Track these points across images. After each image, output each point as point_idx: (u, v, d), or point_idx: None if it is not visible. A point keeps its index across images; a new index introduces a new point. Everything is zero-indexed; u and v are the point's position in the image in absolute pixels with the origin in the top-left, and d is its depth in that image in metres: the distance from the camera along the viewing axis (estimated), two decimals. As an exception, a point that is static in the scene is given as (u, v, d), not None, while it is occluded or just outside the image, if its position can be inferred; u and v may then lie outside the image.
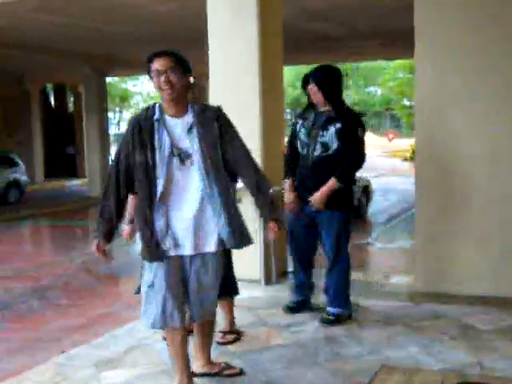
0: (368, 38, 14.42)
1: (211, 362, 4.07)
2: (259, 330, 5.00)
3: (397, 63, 38.00)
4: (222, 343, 4.65)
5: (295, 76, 49.39)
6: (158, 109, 3.60)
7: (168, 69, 3.50)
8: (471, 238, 5.73)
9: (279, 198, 5.86)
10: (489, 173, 5.67)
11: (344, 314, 5.12)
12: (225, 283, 4.15)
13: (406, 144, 32.56)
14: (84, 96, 20.77)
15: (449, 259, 5.80)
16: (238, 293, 4.81)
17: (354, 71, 47.19)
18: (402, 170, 21.36)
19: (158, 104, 3.64)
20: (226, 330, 4.77)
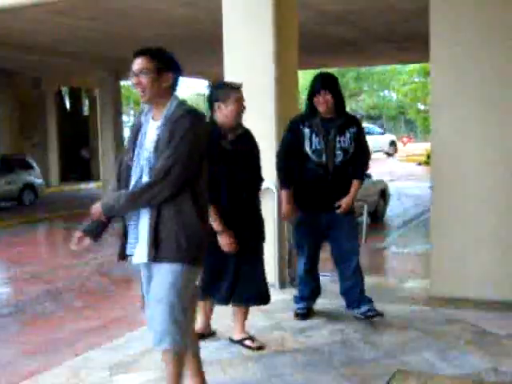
0: (383, 42, 14.39)
1: None
2: (274, 333, 4.99)
3: (411, 67, 37.85)
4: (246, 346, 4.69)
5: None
6: (147, 110, 3.46)
7: (140, 70, 3.29)
8: (487, 243, 5.68)
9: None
10: (505, 177, 5.62)
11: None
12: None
13: (421, 148, 32.42)
14: (99, 99, 20.88)
15: (465, 264, 5.75)
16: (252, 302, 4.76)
17: (369, 76, 47.15)
18: (417, 175, 21.27)
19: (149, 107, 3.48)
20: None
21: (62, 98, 26.86)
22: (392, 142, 37.09)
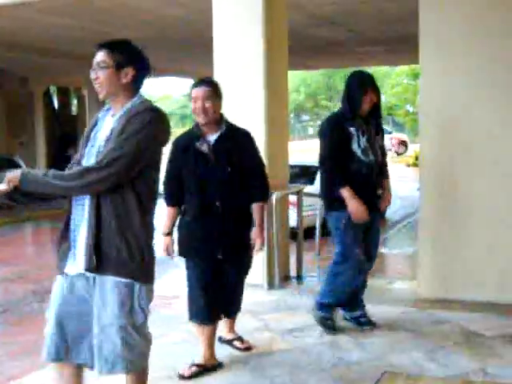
0: (372, 44, 14.42)
1: None
2: (262, 334, 4.99)
3: (400, 70, 37.97)
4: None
5: (300, 81, 49.48)
6: (107, 107, 3.15)
7: (98, 64, 3.05)
8: (475, 244, 5.71)
9: (284, 203, 5.81)
10: (493, 179, 5.65)
11: None
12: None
13: (410, 149, 32.47)
14: (88, 99, 20.79)
15: (452, 265, 5.78)
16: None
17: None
18: (406, 176, 21.31)
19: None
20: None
21: (50, 98, 26.71)
22: (402, 142, 37.08)
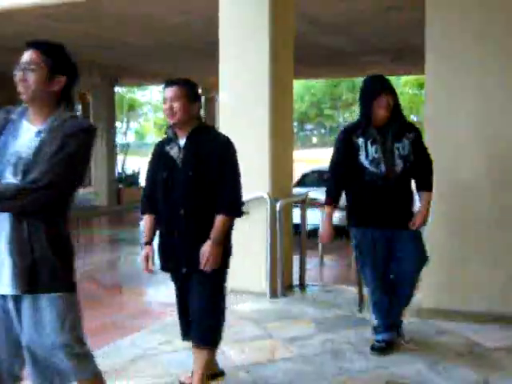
0: (377, 53, 14.44)
1: None
2: (265, 343, 4.96)
3: (405, 79, 38.05)
4: None
5: (304, 90, 49.53)
6: (21, 110, 2.90)
7: (28, 64, 2.78)
8: (479, 255, 5.68)
9: (288, 211, 5.80)
10: (496, 190, 5.62)
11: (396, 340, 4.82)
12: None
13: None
14: (92, 105, 20.82)
15: (456, 276, 5.75)
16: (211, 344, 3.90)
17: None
18: (413, 186, 21.30)
19: (24, 105, 2.90)
20: None
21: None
22: None
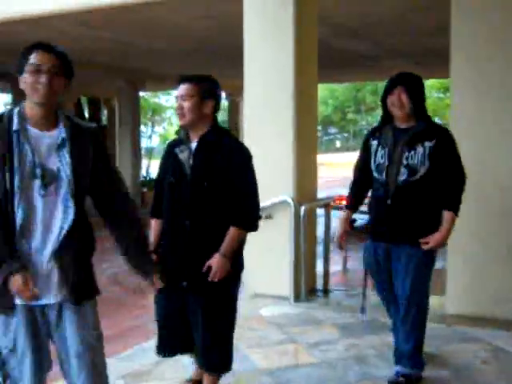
0: (400, 57, 14.36)
1: None
2: (288, 347, 4.97)
3: (430, 83, 37.82)
4: None
5: (329, 93, 49.44)
6: (17, 116, 2.72)
7: (51, 67, 2.76)
8: (504, 260, 5.63)
9: (312, 215, 5.78)
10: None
11: (418, 375, 4.25)
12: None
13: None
14: (118, 109, 20.98)
15: (481, 281, 5.71)
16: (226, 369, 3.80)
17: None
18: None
19: (16, 110, 2.74)
20: None
21: (80, 108, 27.02)
22: None
